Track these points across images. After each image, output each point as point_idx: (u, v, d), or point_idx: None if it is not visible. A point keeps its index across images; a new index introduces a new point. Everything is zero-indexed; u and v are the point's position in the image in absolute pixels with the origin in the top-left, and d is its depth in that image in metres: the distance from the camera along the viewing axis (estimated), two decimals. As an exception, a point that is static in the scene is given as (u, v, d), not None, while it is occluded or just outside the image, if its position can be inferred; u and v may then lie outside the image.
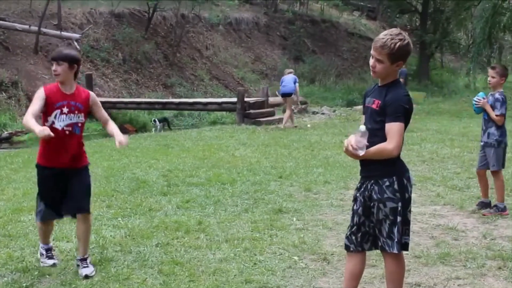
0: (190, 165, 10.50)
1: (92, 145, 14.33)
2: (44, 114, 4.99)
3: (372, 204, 3.91)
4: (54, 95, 4.99)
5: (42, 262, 5.32)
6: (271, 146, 12.91)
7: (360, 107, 23.82)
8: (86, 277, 4.91)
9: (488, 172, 7.30)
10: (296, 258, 5.51)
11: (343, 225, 6.62)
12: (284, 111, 21.95)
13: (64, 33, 24.77)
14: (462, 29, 39.19)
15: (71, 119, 5.03)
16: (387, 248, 3.90)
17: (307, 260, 5.47)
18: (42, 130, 4.58)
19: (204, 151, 12.28)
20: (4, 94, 20.93)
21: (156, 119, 21.75)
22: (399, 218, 3.84)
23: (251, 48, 33.30)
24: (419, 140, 13.39)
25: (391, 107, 3.78)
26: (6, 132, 18.94)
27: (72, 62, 5.04)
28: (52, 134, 4.62)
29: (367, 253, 4.10)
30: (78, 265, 5.11)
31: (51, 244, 5.47)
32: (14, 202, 7.74)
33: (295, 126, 17.43)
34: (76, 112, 5.06)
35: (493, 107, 7.00)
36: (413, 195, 7.82)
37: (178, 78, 27.50)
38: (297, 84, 17.45)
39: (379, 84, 3.95)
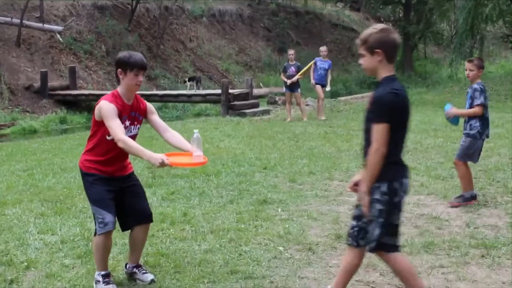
0: (175, 157, 10.47)
1: (76, 138, 14.28)
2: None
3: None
4: (122, 108, 4.48)
5: None
6: (256, 138, 12.91)
7: (344, 98, 23.88)
8: (152, 281, 4.72)
9: (471, 163, 7.30)
10: (281, 248, 5.54)
11: (328, 215, 6.66)
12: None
13: (47, 26, 24.59)
14: (445, 20, 39.24)
15: (131, 131, 4.59)
16: (367, 248, 3.95)
17: (292, 250, 5.50)
18: (161, 160, 4.20)
19: (188, 143, 12.22)
20: (-14, 87, 20.74)
21: (186, 80, 22.34)
22: (383, 220, 3.83)
23: (235, 40, 33.23)
24: (402, 131, 13.45)
25: (375, 106, 3.78)
26: (-12, 126, 18.78)
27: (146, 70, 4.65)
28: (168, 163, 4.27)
29: None
30: (134, 272, 4.84)
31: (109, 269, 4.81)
32: (-3, 196, 7.71)
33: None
34: (136, 123, 4.64)
35: (472, 98, 6.94)
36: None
37: (162, 70, 27.39)
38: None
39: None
